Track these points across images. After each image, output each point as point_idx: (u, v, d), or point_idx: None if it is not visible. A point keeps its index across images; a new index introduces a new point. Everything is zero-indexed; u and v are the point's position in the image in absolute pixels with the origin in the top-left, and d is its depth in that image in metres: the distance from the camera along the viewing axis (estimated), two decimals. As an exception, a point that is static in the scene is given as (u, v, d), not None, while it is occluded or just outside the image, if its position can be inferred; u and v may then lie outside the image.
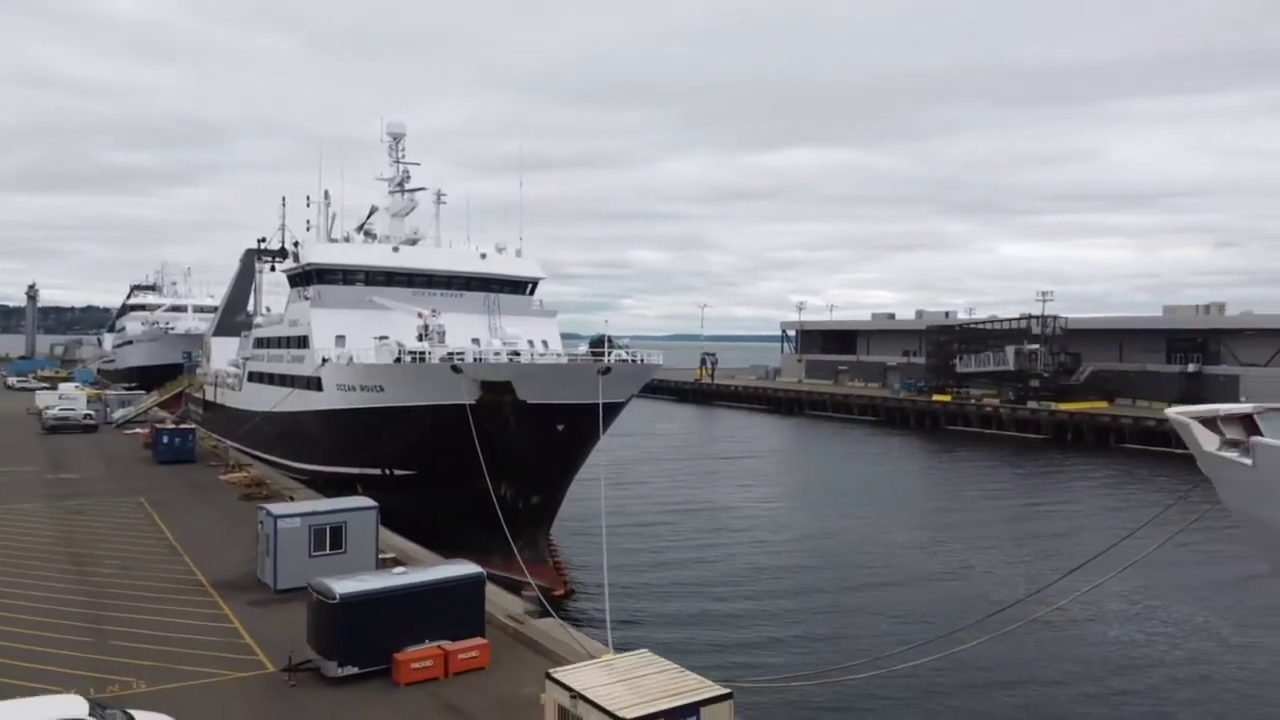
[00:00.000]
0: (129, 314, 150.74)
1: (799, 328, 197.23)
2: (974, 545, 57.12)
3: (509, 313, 62.42)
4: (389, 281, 61.19)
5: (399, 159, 67.55)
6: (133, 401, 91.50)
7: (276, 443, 63.70)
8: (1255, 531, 18.91)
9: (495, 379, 45.28)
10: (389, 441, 50.73)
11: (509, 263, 65.07)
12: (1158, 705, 32.36)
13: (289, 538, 33.79)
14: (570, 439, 46.51)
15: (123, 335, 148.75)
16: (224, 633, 28.45)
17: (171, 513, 47.03)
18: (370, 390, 51.02)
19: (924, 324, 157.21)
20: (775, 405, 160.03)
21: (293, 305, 64.98)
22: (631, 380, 48.88)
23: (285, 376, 62.40)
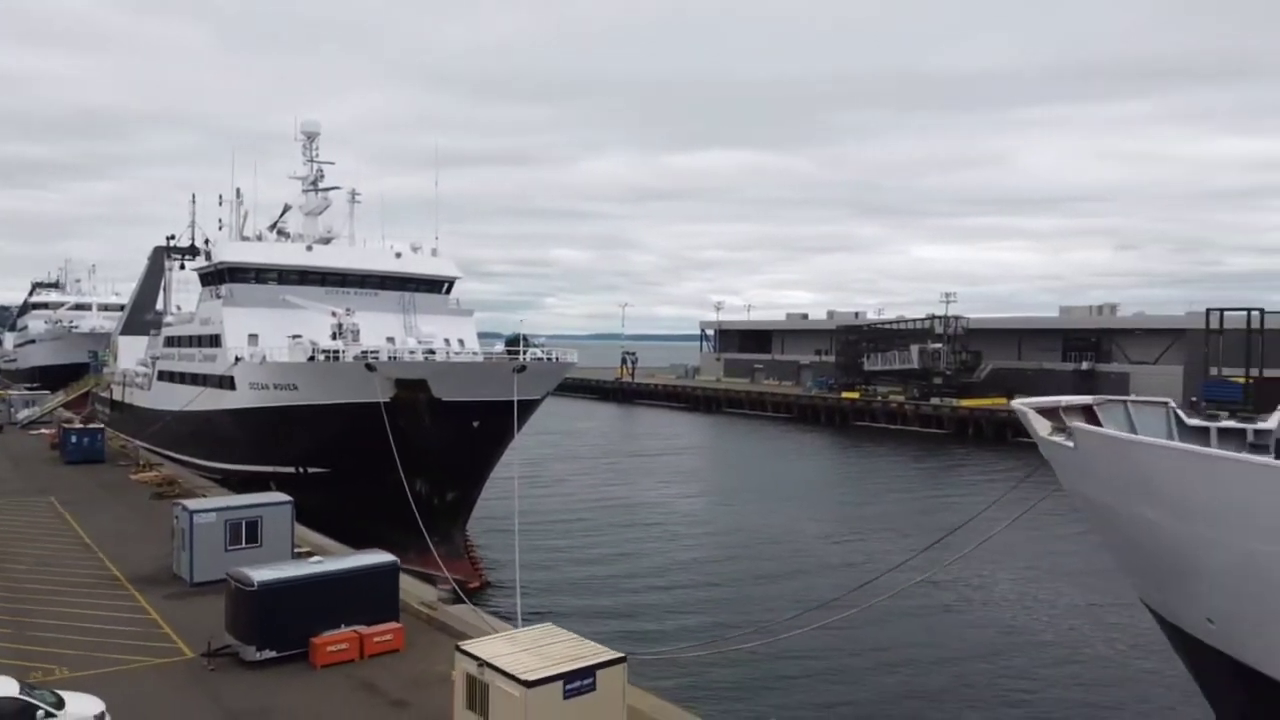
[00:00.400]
0: (31, 312, 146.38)
1: (717, 327, 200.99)
2: (870, 533, 60.42)
3: (424, 312, 63.47)
4: (302, 280, 61.72)
5: (313, 158, 68.00)
6: (38, 401, 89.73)
7: (188, 442, 63.69)
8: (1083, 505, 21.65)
9: (410, 377, 46.57)
10: (303, 440, 51.53)
11: (425, 262, 66.13)
12: (999, 655, 37.49)
13: (205, 532, 34.75)
14: (486, 436, 48.09)
15: (24, 334, 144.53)
16: (142, 623, 29.43)
17: (83, 512, 47.20)
18: (284, 389, 51.75)
19: (835, 324, 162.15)
20: (694, 403, 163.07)
21: (204, 304, 64.98)
22: (547, 378, 50.61)
23: (197, 375, 62.48)
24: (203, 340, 62.70)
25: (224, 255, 61.53)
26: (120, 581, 34.43)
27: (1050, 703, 32.93)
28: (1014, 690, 34.03)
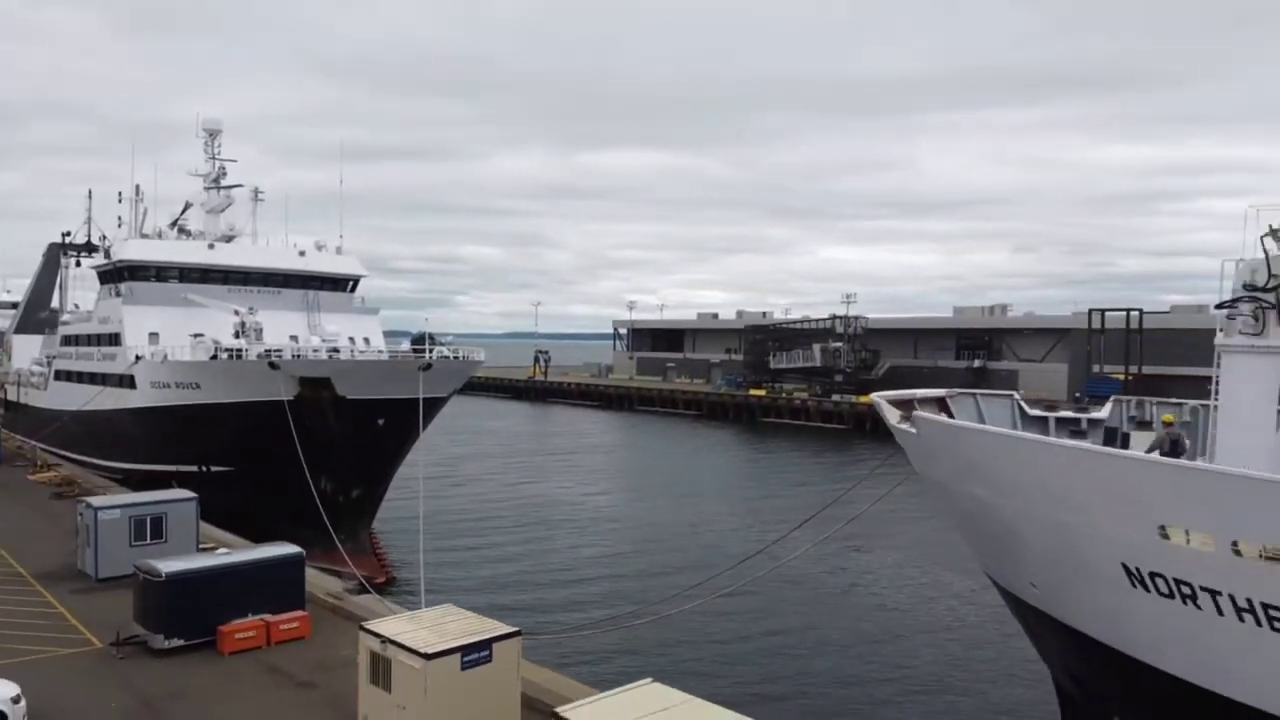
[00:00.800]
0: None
1: (630, 326, 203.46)
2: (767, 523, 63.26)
3: (329, 310, 63.97)
4: (204, 279, 61.68)
5: (215, 155, 67.79)
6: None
7: (87, 442, 63.06)
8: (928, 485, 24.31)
9: (313, 375, 47.48)
10: (206, 438, 51.83)
11: (329, 260, 66.61)
12: (859, 618, 42.77)
13: (109, 528, 35.37)
14: (391, 434, 49.24)
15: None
16: (49, 617, 30.11)
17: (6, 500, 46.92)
18: (186, 388, 52.02)
19: (743, 324, 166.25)
20: (606, 401, 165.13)
21: (103, 302, 64.34)
22: (453, 376, 51.94)
23: (96, 375, 61.92)
24: (102, 339, 62.16)
25: (124, 253, 61.14)
26: (25, 578, 34.82)
27: (910, 664, 36.32)
28: (878, 652, 37.51)
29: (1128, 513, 16.85)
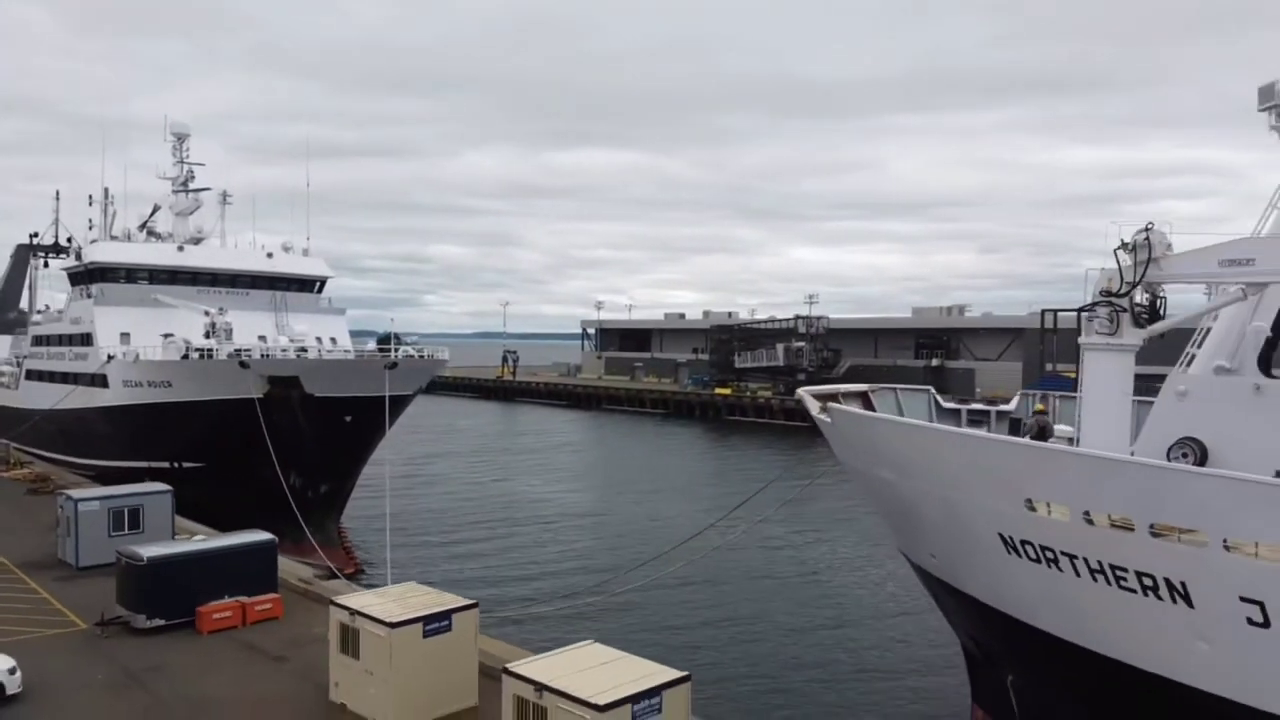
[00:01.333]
0: None
1: (598, 326, 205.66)
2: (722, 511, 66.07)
3: (296, 310, 65.78)
4: (173, 280, 63.36)
5: (183, 159, 69.43)
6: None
7: (58, 440, 64.51)
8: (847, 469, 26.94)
9: (282, 374, 49.47)
10: (177, 436, 53.59)
11: (296, 262, 68.44)
12: (791, 586, 48.55)
13: (89, 519, 37.34)
14: (358, 430, 51.34)
15: None
16: (33, 601, 32.07)
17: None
18: (158, 386, 53.79)
19: (709, 323, 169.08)
20: (574, 400, 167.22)
21: (74, 303, 65.80)
22: (418, 375, 54.09)
23: (68, 374, 63.41)
24: (73, 339, 63.64)
25: (94, 255, 62.71)
26: (7, 566, 36.66)
27: (830, 626, 40.06)
28: (805, 614, 41.49)
29: (1000, 489, 19.54)
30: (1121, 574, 18.01)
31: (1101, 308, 19.88)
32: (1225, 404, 20.15)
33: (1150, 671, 17.76)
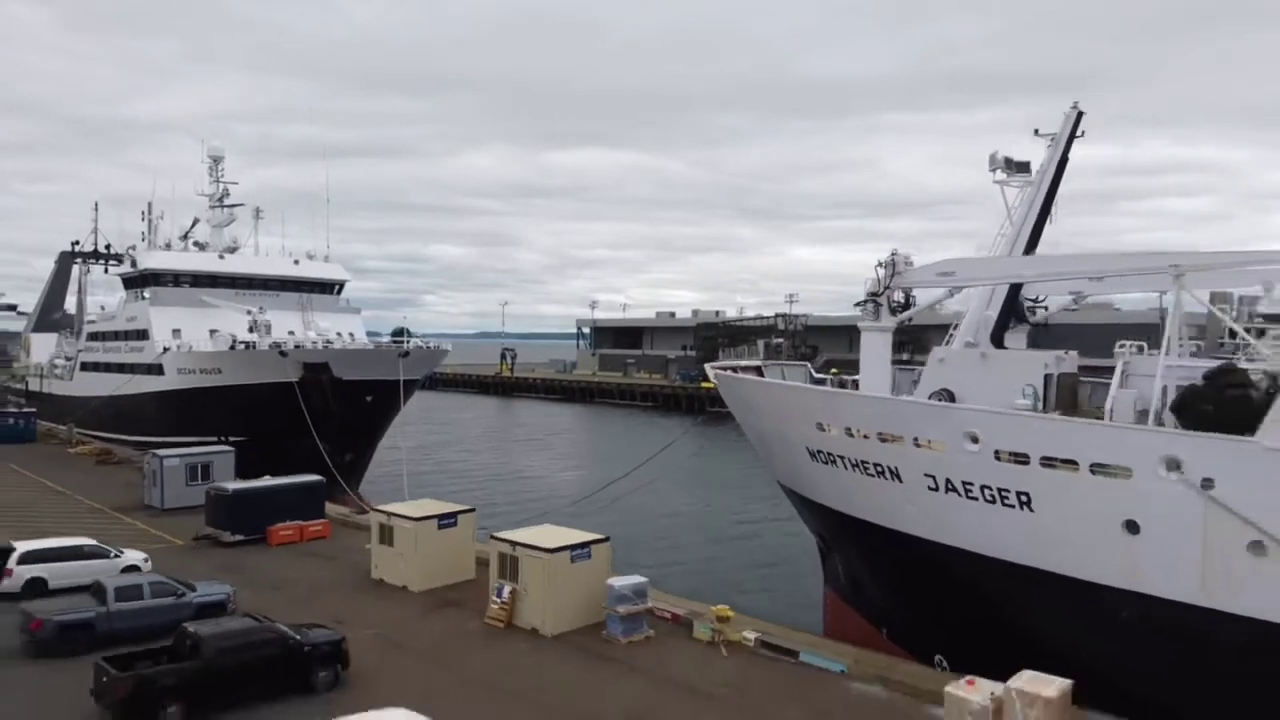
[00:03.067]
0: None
1: (592, 325, 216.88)
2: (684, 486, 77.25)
3: (318, 310, 76.80)
4: (215, 284, 74.59)
5: (219, 178, 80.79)
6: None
7: (115, 421, 75.64)
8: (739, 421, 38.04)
9: (315, 361, 60.69)
10: (224, 413, 64.56)
11: (318, 268, 79.73)
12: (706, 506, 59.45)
13: (171, 472, 48.58)
14: (376, 408, 62.60)
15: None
16: (135, 530, 43.02)
17: (45, 472, 59.65)
18: (209, 372, 65.02)
19: (696, 322, 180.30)
20: (570, 395, 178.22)
21: (129, 304, 77.07)
22: (425, 362, 65.32)
23: (125, 365, 74.66)
24: (129, 334, 74.86)
25: (148, 262, 74.02)
26: (105, 510, 47.72)
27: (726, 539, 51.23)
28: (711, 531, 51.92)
29: (803, 418, 30.72)
30: (866, 466, 29.11)
31: (869, 303, 30.98)
32: (966, 366, 31.23)
33: (886, 526, 28.88)
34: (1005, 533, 24.92)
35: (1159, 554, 22.18)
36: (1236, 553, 21.05)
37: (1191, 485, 21.50)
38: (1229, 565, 21.19)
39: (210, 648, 22.87)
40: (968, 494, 25.52)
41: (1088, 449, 23.11)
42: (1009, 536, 24.87)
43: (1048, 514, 23.92)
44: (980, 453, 25.01)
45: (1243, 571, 21.06)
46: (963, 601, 26.87)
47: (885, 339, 31.36)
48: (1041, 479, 23.86)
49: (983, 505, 25.23)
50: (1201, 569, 21.49)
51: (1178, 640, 21.94)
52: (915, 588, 29.14)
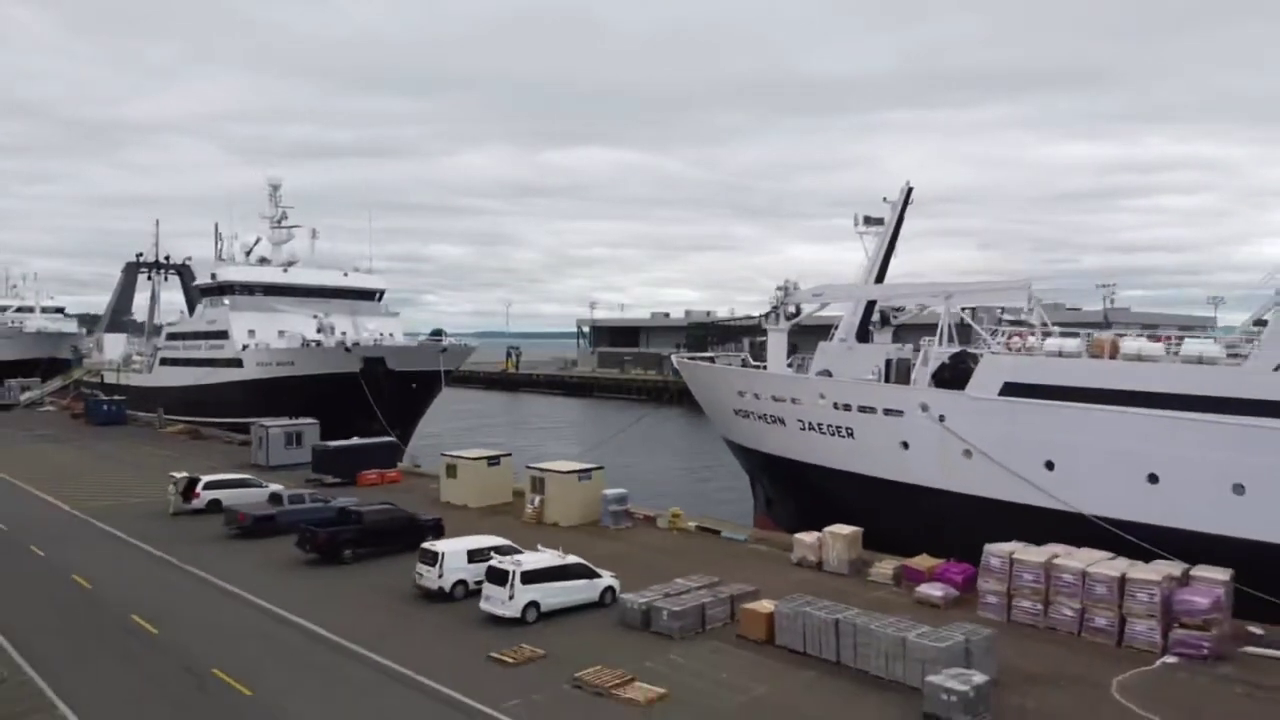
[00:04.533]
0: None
1: (592, 324, 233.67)
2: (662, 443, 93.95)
3: (364, 315, 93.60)
4: (280, 293, 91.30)
5: (278, 203, 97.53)
6: (31, 387, 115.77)
7: (198, 408, 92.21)
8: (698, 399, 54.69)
9: (372, 355, 77.40)
10: (296, 399, 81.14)
11: (364, 279, 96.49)
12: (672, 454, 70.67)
13: (275, 438, 65.35)
14: (420, 393, 79.33)
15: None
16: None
17: (158, 445, 76.48)
18: (284, 365, 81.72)
19: (689, 321, 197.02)
20: (570, 390, 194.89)
21: (209, 309, 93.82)
22: (458, 356, 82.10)
23: (205, 359, 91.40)
24: (210, 335, 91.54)
25: (226, 275, 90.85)
26: (221, 468, 64.40)
27: None
28: None
29: (729, 389, 47.44)
30: (766, 417, 45.78)
31: (771, 313, 47.71)
32: (838, 354, 47.92)
33: (778, 455, 45.58)
34: (839, 453, 41.67)
35: (919, 460, 38.90)
36: (957, 457, 37.76)
37: (934, 419, 38.25)
38: (953, 464, 37.89)
39: (368, 518, 39.66)
40: (819, 431, 42.27)
41: (881, 400, 39.88)
42: (841, 455, 41.62)
43: (861, 440, 40.67)
44: (825, 405, 41.79)
45: (960, 467, 37.76)
46: (814, 494, 43.61)
47: (782, 337, 48.17)
48: (858, 419, 40.60)
49: (828, 437, 41.98)
50: (940, 466, 38.20)
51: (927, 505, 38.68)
52: (792, 490, 45.94)
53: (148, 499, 53.64)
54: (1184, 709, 24.50)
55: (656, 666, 26.71)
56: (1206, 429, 32.23)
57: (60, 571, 37.85)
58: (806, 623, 27.91)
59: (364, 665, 27.44)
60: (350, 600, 33.85)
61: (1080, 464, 34.91)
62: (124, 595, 34.53)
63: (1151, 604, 28.64)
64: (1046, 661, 27.72)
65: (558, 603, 31.13)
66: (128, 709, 24.32)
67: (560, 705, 24.31)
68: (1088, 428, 34.65)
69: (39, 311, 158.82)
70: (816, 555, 37.07)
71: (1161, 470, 33.36)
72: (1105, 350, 35.63)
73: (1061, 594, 30.14)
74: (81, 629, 30.80)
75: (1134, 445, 33.65)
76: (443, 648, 28.67)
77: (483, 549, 34.06)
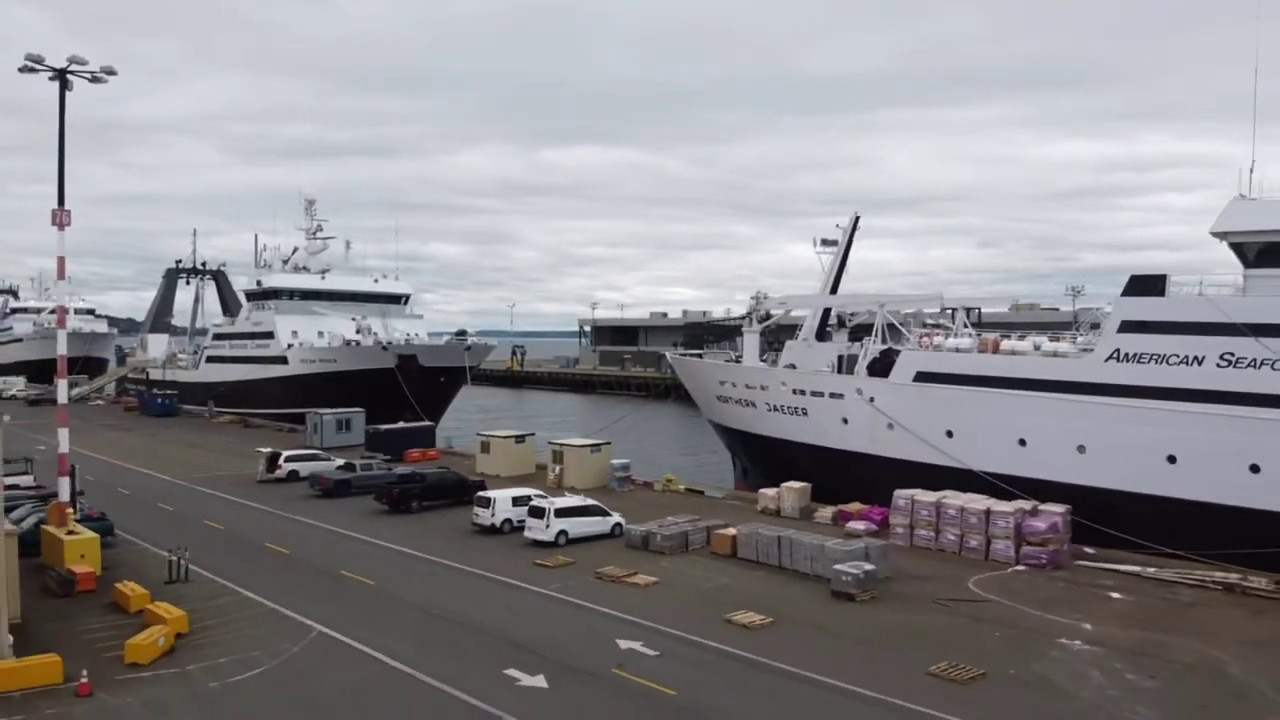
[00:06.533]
0: (13, 315, 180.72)
1: (593, 324, 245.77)
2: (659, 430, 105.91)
3: (392, 317, 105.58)
4: (318, 298, 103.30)
5: (313, 216, 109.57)
6: (80, 383, 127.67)
7: (246, 400, 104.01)
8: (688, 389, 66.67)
9: (407, 353, 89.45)
10: (338, 392, 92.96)
11: (391, 285, 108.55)
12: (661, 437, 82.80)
13: (328, 423, 77.43)
14: (448, 386, 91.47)
15: (9, 334, 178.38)
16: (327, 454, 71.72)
17: (217, 432, 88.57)
18: (326, 362, 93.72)
19: (685, 321, 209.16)
20: (573, 386, 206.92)
21: (255, 312, 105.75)
22: (480, 353, 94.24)
23: (252, 357, 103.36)
24: (256, 335, 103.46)
25: (271, 282, 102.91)
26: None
27: None
28: None
29: (714, 379, 59.43)
30: (742, 402, 57.77)
31: (749, 317, 59.64)
32: (801, 351, 59.91)
33: (751, 432, 57.54)
34: (797, 429, 53.68)
35: (855, 431, 50.91)
36: (882, 429, 49.74)
37: (866, 400, 50.26)
38: (880, 434, 49.88)
39: (430, 479, 51.75)
40: (782, 411, 54.29)
41: (827, 387, 51.91)
42: (798, 430, 53.62)
43: (814, 418, 52.69)
44: (786, 391, 53.81)
45: (885, 437, 49.74)
46: (778, 461, 55.60)
47: (755, 336, 60.20)
48: (810, 402, 52.62)
49: (788, 416, 54.00)
50: (870, 437, 50.21)
51: (861, 466, 50.65)
52: (761, 458, 57.99)
53: (232, 472, 65.44)
54: (1010, 592, 36.45)
55: (653, 569, 38.69)
56: (1060, 405, 44.18)
57: (194, 519, 49.74)
58: (759, 540, 39.93)
59: (447, 569, 39.44)
60: (424, 535, 45.79)
61: (971, 432, 46.87)
62: (252, 532, 46.53)
63: (1008, 529, 40.61)
64: (931, 569, 39.64)
65: (581, 532, 43.03)
66: (291, 593, 36.12)
67: (587, 588, 36.26)
68: (977, 405, 46.61)
69: (73, 313, 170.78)
70: (775, 504, 49.09)
71: (1028, 436, 45.31)
72: (990, 347, 47.77)
73: (947, 524, 42.13)
74: (233, 551, 42.71)
75: (1010, 418, 45.61)
76: (500, 559, 40.66)
77: (523, 496, 46.02)
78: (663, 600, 34.76)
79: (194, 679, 27.05)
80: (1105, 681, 27.32)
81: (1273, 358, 39.03)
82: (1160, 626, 32.57)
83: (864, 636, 31.04)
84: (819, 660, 28.46)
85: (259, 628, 31.81)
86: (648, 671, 27.44)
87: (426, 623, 32.31)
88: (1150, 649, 30.12)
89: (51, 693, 25.82)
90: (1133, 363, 42.26)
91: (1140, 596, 36.21)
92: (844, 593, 34.79)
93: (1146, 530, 40.70)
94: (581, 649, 29.39)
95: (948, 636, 31.00)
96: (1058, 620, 32.93)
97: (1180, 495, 41.07)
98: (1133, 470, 42.05)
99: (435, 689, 26.26)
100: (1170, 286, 42.54)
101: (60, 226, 40.87)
